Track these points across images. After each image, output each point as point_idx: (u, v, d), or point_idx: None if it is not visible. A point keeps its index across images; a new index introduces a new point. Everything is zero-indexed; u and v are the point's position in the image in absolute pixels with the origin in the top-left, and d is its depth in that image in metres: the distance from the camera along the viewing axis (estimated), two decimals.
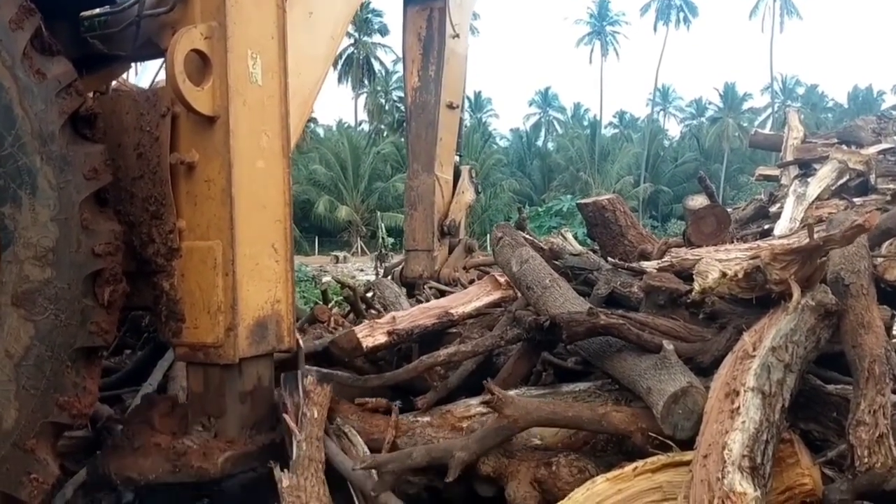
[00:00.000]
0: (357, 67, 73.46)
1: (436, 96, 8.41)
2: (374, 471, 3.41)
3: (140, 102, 3.82)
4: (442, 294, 7.10)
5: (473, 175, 9.34)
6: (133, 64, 4.77)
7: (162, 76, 4.64)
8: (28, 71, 3.18)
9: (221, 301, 3.73)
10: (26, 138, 3.16)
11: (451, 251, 8.78)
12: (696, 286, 3.28)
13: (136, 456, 3.78)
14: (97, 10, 4.07)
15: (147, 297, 3.85)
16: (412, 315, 4.50)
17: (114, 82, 4.58)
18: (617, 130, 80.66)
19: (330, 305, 8.72)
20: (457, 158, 9.08)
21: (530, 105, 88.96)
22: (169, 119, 3.75)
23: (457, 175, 8.98)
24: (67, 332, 3.29)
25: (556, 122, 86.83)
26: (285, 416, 3.70)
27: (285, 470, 3.33)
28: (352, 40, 72.18)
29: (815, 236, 3.00)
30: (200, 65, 3.72)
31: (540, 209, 51.15)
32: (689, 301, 3.57)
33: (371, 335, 4.19)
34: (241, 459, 3.80)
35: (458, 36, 8.42)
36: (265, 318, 3.93)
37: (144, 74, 5.06)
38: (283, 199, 4.06)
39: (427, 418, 3.84)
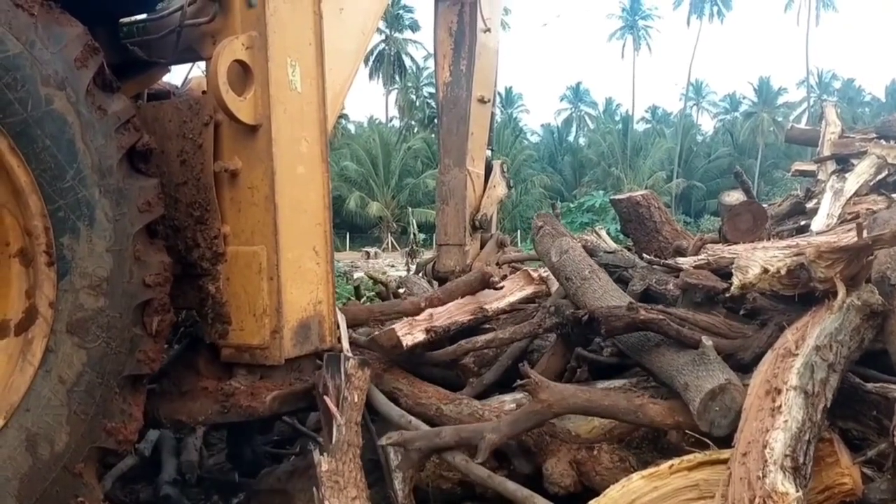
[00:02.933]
0: (388, 63, 73.64)
1: (467, 91, 8.32)
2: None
3: (182, 110, 3.91)
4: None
5: (505, 169, 9.28)
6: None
7: (193, 74, 4.72)
8: (90, 107, 3.29)
9: (267, 304, 3.84)
10: (86, 172, 3.26)
11: (482, 246, 8.75)
12: (737, 281, 3.24)
13: (184, 400, 3.91)
14: (137, 17, 4.13)
15: (192, 299, 3.95)
16: (449, 311, 4.50)
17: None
18: (649, 125, 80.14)
19: (362, 301, 8.76)
20: (488, 153, 9.05)
21: (561, 100, 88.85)
22: (212, 127, 3.83)
23: (488, 169, 8.93)
24: (117, 360, 3.39)
25: (587, 118, 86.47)
26: (326, 398, 3.73)
27: (324, 454, 3.36)
28: (383, 36, 72.40)
29: (864, 235, 2.95)
30: (242, 74, 3.78)
31: (571, 205, 50.91)
32: (728, 297, 3.53)
33: (410, 333, 4.20)
34: (289, 398, 3.91)
35: (489, 30, 8.29)
36: (308, 320, 4.04)
37: None
38: (323, 203, 4.16)
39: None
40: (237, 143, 3.88)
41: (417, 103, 73.02)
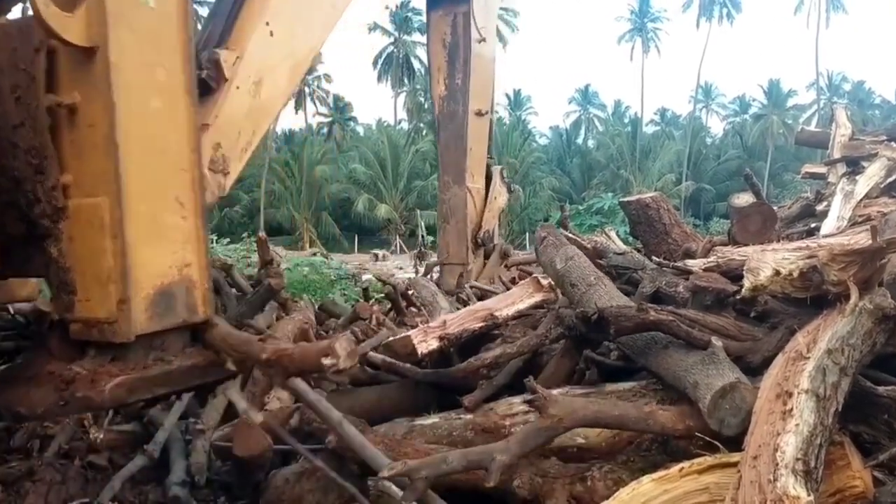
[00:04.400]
0: (397, 66, 73.77)
1: (463, 105, 8.31)
2: None
3: (12, 35, 3.26)
4: (482, 295, 7.10)
5: (505, 175, 9.24)
6: None
7: None
8: None
9: (111, 268, 3.20)
10: None
11: (487, 256, 8.74)
12: (748, 283, 3.23)
13: (28, 387, 3.27)
14: None
15: (39, 266, 3.35)
16: (461, 318, 4.54)
17: None
18: (658, 128, 79.89)
19: (371, 302, 8.76)
20: (489, 160, 9.03)
21: (570, 102, 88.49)
22: (43, 54, 3.19)
23: (488, 178, 8.94)
24: None
25: (596, 120, 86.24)
26: None
27: None
28: (391, 39, 72.60)
29: (879, 238, 2.94)
30: None
31: (580, 207, 50.89)
32: (738, 299, 3.52)
33: (425, 340, 4.23)
34: (140, 385, 3.24)
35: (484, 40, 8.28)
36: (171, 286, 3.36)
37: None
38: (189, 145, 3.46)
39: (471, 416, 3.84)
40: (74, 71, 3.21)
41: (426, 106, 73.05)
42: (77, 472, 4.58)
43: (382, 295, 8.84)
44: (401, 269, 27.61)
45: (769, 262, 3.23)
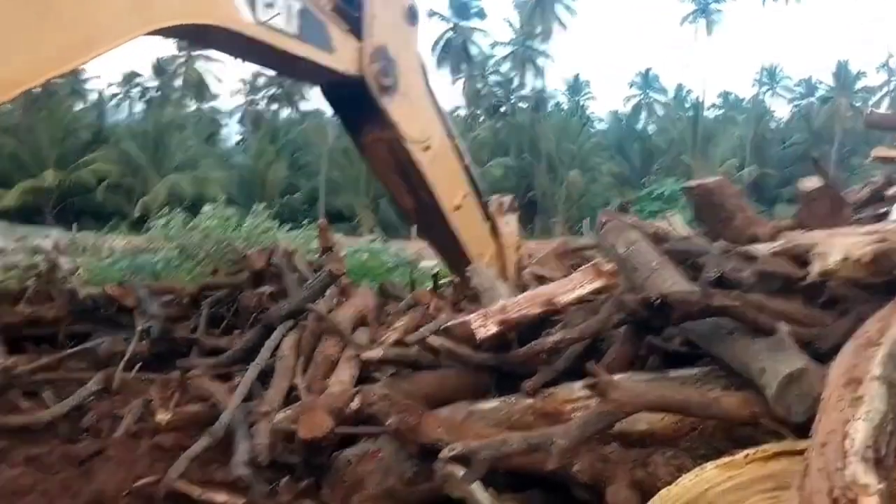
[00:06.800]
0: (455, 53, 73.69)
1: (440, 215, 7.70)
2: None
3: None
4: (541, 280, 7.03)
5: (505, 204, 8.69)
6: None
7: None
8: None
9: None
10: None
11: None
12: (817, 268, 3.15)
13: None
14: None
15: None
16: (520, 304, 4.49)
17: None
18: (721, 112, 78.44)
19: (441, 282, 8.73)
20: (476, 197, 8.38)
21: (630, 87, 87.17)
22: None
23: (490, 219, 8.44)
24: None
25: (656, 104, 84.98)
26: None
27: None
28: (451, 24, 72.54)
29: None
30: None
31: (640, 193, 50.25)
32: (806, 284, 3.44)
33: (484, 325, 4.20)
34: None
35: (428, 146, 7.47)
36: None
37: None
38: None
39: (531, 401, 3.83)
40: None
41: (483, 92, 72.94)
42: (145, 451, 4.72)
43: (448, 281, 8.77)
44: None
45: (838, 246, 3.15)
